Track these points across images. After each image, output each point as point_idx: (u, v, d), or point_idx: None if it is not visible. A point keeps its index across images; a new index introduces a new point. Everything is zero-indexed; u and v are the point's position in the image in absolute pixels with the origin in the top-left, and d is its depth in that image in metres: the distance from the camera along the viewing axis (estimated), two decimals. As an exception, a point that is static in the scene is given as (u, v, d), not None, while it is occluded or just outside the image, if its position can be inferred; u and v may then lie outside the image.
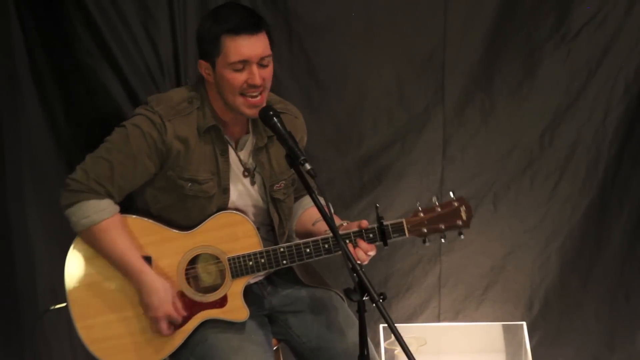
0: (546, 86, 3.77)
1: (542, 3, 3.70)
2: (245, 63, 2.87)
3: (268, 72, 2.92)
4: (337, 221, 2.99)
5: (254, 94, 2.90)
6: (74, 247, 2.99)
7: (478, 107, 3.79)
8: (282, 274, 3.14)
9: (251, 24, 2.87)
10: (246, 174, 3.04)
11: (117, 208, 2.95)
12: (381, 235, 2.97)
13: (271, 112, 2.85)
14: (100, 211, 2.91)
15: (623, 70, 3.74)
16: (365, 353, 2.67)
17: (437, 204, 3.00)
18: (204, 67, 2.93)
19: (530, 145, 3.82)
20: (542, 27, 3.72)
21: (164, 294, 2.93)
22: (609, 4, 3.69)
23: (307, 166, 2.72)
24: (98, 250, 2.95)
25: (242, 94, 2.90)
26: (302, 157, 2.73)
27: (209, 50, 2.89)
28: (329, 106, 3.73)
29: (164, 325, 2.95)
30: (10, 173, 3.54)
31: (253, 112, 2.91)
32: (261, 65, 2.89)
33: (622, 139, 3.82)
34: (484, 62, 3.75)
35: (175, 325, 2.97)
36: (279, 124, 2.83)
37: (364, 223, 2.97)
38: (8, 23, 3.46)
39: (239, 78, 2.88)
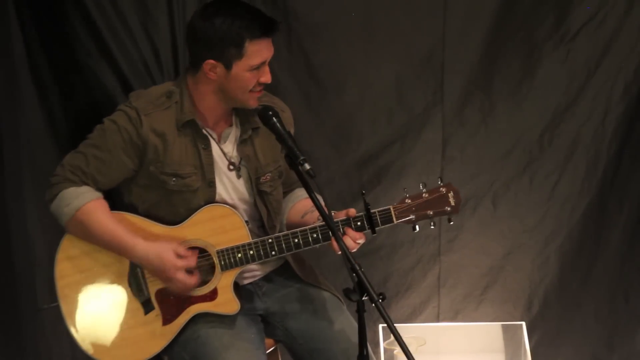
0: (546, 86, 3.77)
1: (542, 3, 3.69)
2: (262, 63, 2.92)
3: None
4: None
5: (260, 88, 2.96)
6: (62, 245, 3.01)
7: (477, 107, 3.79)
8: (280, 273, 3.15)
9: (273, 28, 2.92)
10: (231, 167, 3.04)
11: (98, 193, 2.97)
12: (369, 222, 2.97)
13: (270, 112, 2.87)
14: (80, 195, 2.94)
15: (622, 70, 3.74)
16: (365, 353, 2.67)
17: (424, 190, 3.00)
18: (210, 66, 2.92)
19: (529, 145, 3.82)
20: (541, 27, 3.72)
21: (159, 260, 2.93)
22: (608, 4, 3.69)
23: (307, 166, 2.73)
24: (88, 236, 2.96)
25: (251, 91, 2.94)
26: (302, 157, 2.74)
27: (228, 52, 2.89)
28: (328, 106, 3.73)
29: (179, 284, 2.93)
30: (10, 173, 3.54)
31: (257, 103, 2.96)
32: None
33: (622, 139, 3.81)
34: (483, 62, 3.74)
35: (193, 273, 2.95)
36: (278, 124, 2.85)
37: (352, 211, 2.98)
38: (8, 23, 3.46)
39: (255, 78, 2.92)
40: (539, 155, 3.83)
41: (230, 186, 3.05)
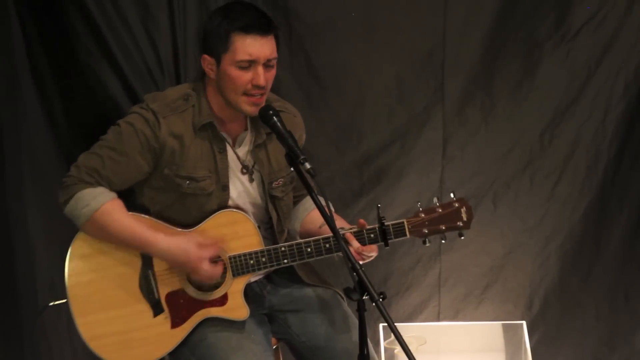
0: (546, 86, 3.77)
1: (542, 3, 3.70)
2: (252, 63, 2.88)
3: (272, 74, 2.93)
4: (339, 223, 2.98)
5: (256, 94, 2.91)
6: (74, 244, 2.99)
7: (478, 107, 3.80)
8: (282, 273, 3.14)
9: (263, 25, 2.89)
10: (244, 171, 3.04)
11: (113, 194, 2.95)
12: (382, 235, 2.97)
13: (271, 112, 2.85)
14: (97, 196, 2.91)
15: (623, 70, 3.74)
16: (365, 352, 2.67)
17: (437, 204, 3.00)
18: (207, 62, 2.93)
19: (530, 145, 3.83)
20: (542, 27, 3.72)
21: (183, 253, 2.91)
22: (608, 3, 3.69)
23: (307, 165, 2.72)
24: (106, 235, 2.94)
25: (245, 94, 2.90)
26: (302, 157, 2.73)
27: (217, 45, 2.89)
28: (329, 105, 3.73)
29: (206, 274, 2.93)
30: (10, 173, 3.54)
31: (253, 110, 2.91)
32: (267, 66, 2.90)
33: (622, 139, 3.82)
34: (484, 62, 3.75)
35: (217, 262, 2.95)
36: (278, 123, 2.83)
37: (361, 222, 2.98)
38: (8, 23, 3.46)
39: (244, 77, 2.88)
40: (539, 155, 3.83)
41: (242, 189, 3.04)
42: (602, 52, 3.73)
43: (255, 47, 2.87)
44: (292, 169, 2.84)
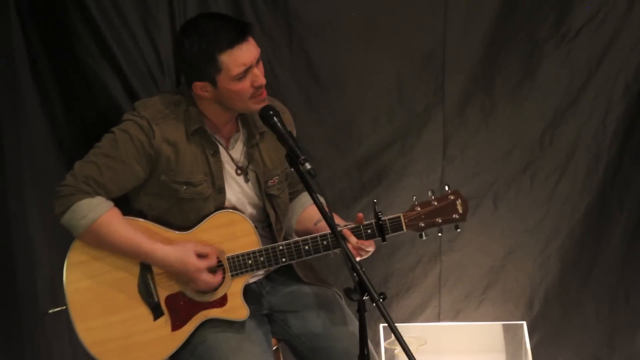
0: (546, 86, 3.77)
1: (542, 3, 3.69)
2: (247, 70, 2.89)
3: (262, 66, 2.95)
4: (337, 221, 2.99)
5: (261, 92, 2.94)
6: (72, 250, 2.99)
7: (478, 107, 3.79)
8: (282, 272, 3.15)
9: (240, 33, 2.89)
10: (239, 172, 3.04)
11: (111, 202, 2.95)
12: (379, 230, 2.98)
13: (271, 112, 2.86)
14: (95, 207, 2.91)
15: (623, 70, 3.74)
16: (365, 352, 2.67)
17: (433, 197, 3.01)
18: (200, 87, 2.93)
19: (530, 145, 3.82)
20: (542, 27, 3.72)
21: (181, 264, 2.93)
22: (609, 3, 3.69)
23: (307, 166, 2.73)
24: (104, 246, 2.95)
25: (251, 97, 2.93)
26: (303, 157, 2.74)
27: (206, 70, 2.89)
28: (329, 106, 3.73)
29: (204, 285, 2.95)
30: (10, 173, 3.54)
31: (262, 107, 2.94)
32: (257, 63, 2.93)
33: (622, 139, 3.81)
34: (484, 62, 3.75)
35: (216, 272, 2.97)
36: (279, 124, 2.84)
37: (360, 215, 2.97)
38: (8, 23, 3.45)
39: (245, 85, 2.90)
40: (539, 155, 3.83)
41: (239, 190, 3.05)
42: (602, 52, 3.72)
43: (244, 55, 2.88)
44: (286, 166, 2.85)
